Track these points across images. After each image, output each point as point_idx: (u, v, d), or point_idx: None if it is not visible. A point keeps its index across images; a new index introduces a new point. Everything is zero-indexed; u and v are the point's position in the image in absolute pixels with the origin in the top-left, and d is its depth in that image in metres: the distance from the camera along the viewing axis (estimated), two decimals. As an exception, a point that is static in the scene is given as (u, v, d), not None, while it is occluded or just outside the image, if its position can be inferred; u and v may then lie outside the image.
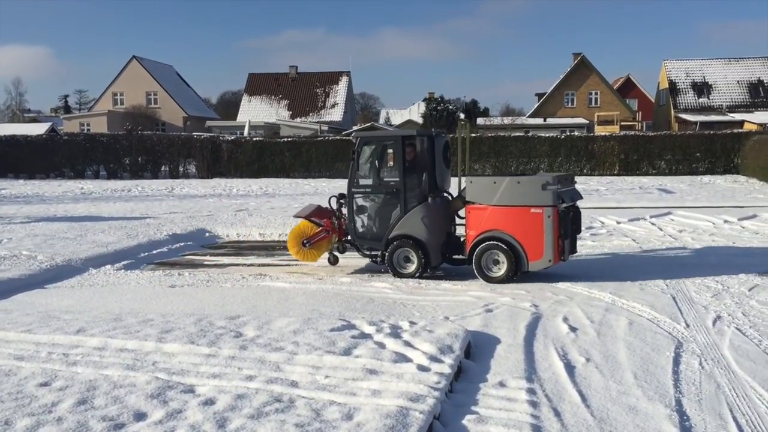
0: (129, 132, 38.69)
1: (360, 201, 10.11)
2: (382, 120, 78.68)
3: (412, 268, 9.77)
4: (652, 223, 14.64)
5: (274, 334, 6.37)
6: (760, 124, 40.44)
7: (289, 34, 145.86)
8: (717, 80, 52.47)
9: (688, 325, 7.07)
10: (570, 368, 5.82)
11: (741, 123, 44.41)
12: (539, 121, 51.38)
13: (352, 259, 11.71)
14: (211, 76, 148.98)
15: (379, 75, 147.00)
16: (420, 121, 63.74)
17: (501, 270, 9.30)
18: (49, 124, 54.94)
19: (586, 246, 11.86)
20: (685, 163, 31.05)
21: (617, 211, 17.05)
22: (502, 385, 5.43)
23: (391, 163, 10.06)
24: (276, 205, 20.17)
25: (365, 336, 6.31)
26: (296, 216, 11.04)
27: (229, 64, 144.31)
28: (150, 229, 14.65)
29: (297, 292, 8.89)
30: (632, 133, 37.81)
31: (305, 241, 10.61)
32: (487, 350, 6.30)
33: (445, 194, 10.32)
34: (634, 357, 6.10)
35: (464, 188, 9.78)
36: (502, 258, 9.27)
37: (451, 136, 15.74)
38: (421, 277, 9.69)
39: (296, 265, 11.30)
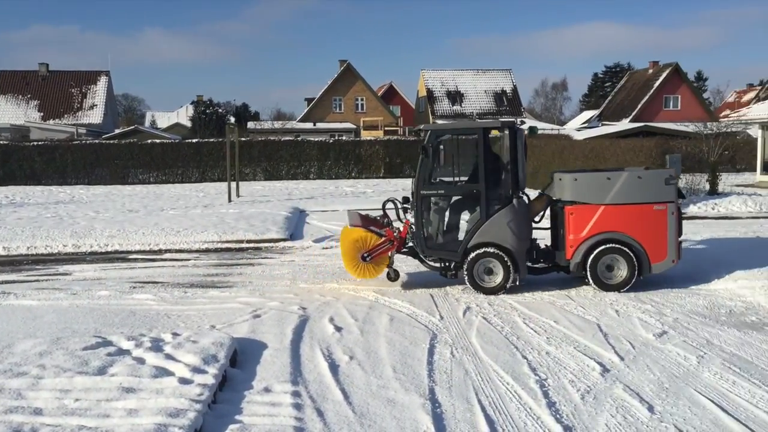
0: None
1: (431, 204, 8.82)
2: (147, 123, 74.87)
3: (497, 280, 8.58)
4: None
5: (17, 358, 5.78)
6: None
7: (37, 29, 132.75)
8: (468, 89, 57.19)
9: (442, 318, 7.61)
10: (334, 368, 5.97)
11: (489, 129, 48.76)
12: (309, 125, 52.25)
13: (115, 271, 11.01)
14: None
15: (143, 76, 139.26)
16: (188, 124, 61.78)
17: (620, 276, 8.50)
18: None
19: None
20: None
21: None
22: (267, 390, 5.42)
23: (470, 160, 8.81)
24: (24, 215, 18.29)
25: (123, 352, 5.95)
26: (353, 226, 9.22)
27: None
28: None
29: (46, 310, 8.14)
30: (395, 138, 39.79)
31: (365, 255, 8.88)
32: (254, 356, 6.27)
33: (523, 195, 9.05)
34: (393, 351, 6.42)
35: (548, 187, 8.81)
36: (620, 262, 8.47)
37: (221, 139, 15.22)
38: (508, 291, 8.58)
39: (46, 280, 10.34)
